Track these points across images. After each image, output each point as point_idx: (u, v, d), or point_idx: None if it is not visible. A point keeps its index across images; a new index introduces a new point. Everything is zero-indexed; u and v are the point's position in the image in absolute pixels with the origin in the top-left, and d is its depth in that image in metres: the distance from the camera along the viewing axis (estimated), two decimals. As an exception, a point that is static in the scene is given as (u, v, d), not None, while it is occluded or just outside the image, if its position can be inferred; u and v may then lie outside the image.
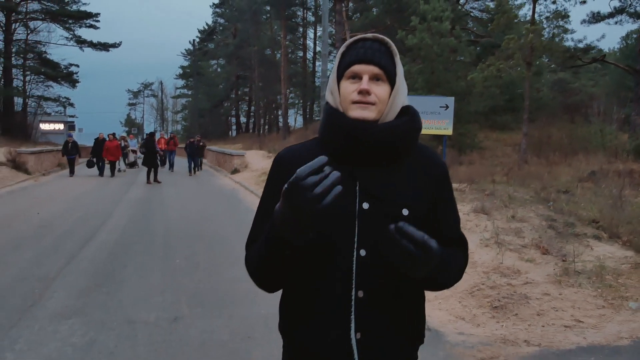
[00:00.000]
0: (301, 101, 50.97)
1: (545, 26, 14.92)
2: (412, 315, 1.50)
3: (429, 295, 3.55)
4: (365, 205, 1.40)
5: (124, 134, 31.30)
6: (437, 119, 11.03)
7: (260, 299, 5.09)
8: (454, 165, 13.67)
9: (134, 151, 27.19)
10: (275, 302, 1.64)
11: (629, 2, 19.22)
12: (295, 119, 56.86)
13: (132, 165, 26.77)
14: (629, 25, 42.68)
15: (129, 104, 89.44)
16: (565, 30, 15.71)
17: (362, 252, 1.39)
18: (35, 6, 38.14)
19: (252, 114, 57.31)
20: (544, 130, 17.57)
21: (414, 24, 16.24)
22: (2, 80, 36.31)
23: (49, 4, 37.68)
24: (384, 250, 1.32)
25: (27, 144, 30.18)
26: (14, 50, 37.13)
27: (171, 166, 25.01)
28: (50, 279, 6.08)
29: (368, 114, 1.41)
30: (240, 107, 61.34)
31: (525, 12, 20.73)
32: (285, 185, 1.20)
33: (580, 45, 20.77)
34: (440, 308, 5.24)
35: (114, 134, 22.44)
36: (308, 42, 45.03)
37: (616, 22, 20.04)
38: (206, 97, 56.54)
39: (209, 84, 57.18)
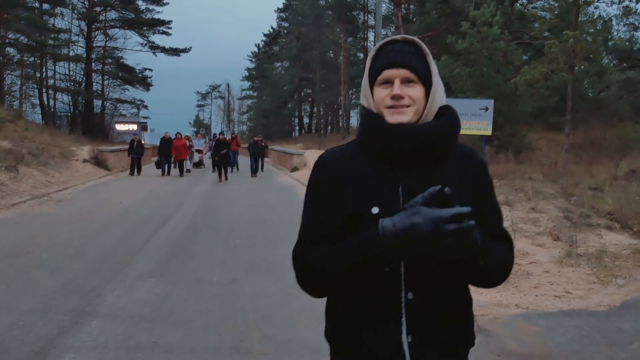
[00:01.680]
0: (362, 102, 51.82)
1: (591, 30, 15.30)
2: (462, 317, 1.49)
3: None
4: None
5: (190, 134, 31.46)
6: (477, 120, 11.84)
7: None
8: (494, 163, 14.33)
9: (199, 151, 27.13)
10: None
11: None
12: (357, 119, 57.99)
13: (198, 165, 26.66)
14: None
15: (197, 106, 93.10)
16: (607, 36, 15.87)
17: None
18: (113, 15, 41.17)
19: (314, 115, 58.85)
20: (594, 131, 17.87)
21: (464, 29, 17.00)
22: (84, 84, 39.34)
23: (125, 12, 40.49)
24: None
25: (105, 143, 32.59)
26: (93, 56, 40.17)
27: (235, 165, 24.86)
28: (135, 250, 7.46)
29: (403, 117, 1.40)
30: (303, 108, 63.00)
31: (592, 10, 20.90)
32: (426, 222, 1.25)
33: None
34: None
35: (180, 133, 22.52)
36: (369, 44, 45.90)
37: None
38: (270, 99, 58.46)
39: (273, 86, 59.03)
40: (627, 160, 14.18)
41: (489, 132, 12.06)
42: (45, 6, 35.69)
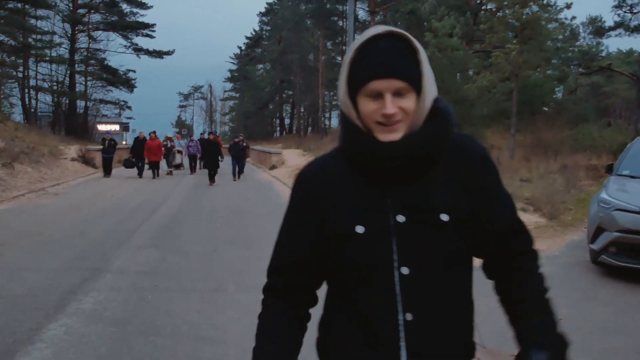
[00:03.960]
0: (341, 103, 53.47)
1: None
2: (464, 330, 1.33)
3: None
4: (401, 219, 1.23)
5: (171, 135, 29.27)
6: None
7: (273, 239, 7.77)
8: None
9: (180, 151, 25.41)
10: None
11: (629, 18, 21.15)
12: (338, 123, 59.41)
13: (178, 167, 25.02)
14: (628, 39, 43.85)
15: (180, 106, 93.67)
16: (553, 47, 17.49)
17: (405, 270, 1.22)
18: (97, 17, 42.18)
19: (295, 116, 60.30)
20: (544, 132, 19.64)
21: (427, 39, 18.65)
22: (68, 85, 40.32)
23: (109, 15, 41.55)
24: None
25: (89, 143, 33.62)
26: (77, 58, 41.15)
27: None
28: (132, 231, 8.89)
29: (396, 135, 1.21)
30: (284, 110, 64.36)
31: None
32: None
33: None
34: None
35: (154, 133, 20.72)
36: (346, 48, 47.52)
37: (616, 35, 21.88)
38: (252, 100, 59.64)
39: (255, 88, 60.18)
40: (565, 158, 15.90)
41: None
42: (38, 10, 36.55)
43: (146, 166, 20.38)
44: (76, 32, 41.07)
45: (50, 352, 3.95)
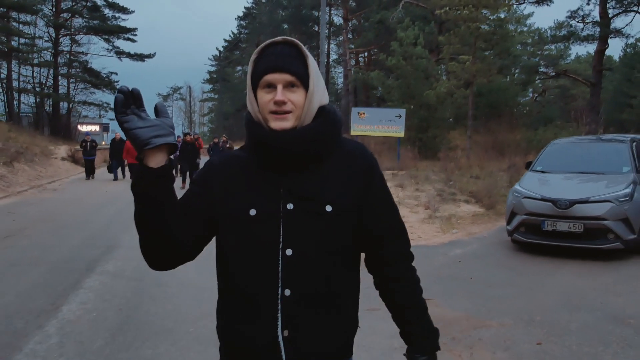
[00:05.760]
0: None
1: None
2: (342, 306, 1.50)
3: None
4: (290, 206, 1.43)
5: None
6: (393, 125, 15.11)
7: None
8: (408, 160, 17.68)
9: None
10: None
11: (580, 27, 23.22)
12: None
13: None
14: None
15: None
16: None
17: (289, 252, 1.41)
18: (79, 21, 43.20)
19: (273, 117, 61.52)
20: (501, 134, 21.51)
21: (393, 48, 20.37)
22: (52, 87, 41.30)
23: (91, 20, 42.59)
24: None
25: (73, 143, 34.67)
26: (61, 61, 42.10)
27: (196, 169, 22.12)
28: (131, 219, 10.36)
29: (286, 124, 1.40)
30: (262, 111, 65.40)
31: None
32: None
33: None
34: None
35: None
36: (321, 52, 49.22)
37: (568, 44, 23.87)
38: (231, 101, 60.71)
39: (234, 89, 61.11)
40: (516, 158, 17.69)
41: (401, 134, 15.35)
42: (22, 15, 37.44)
43: (126, 168, 19.86)
44: (60, 35, 42.02)
45: (92, 295, 5.50)
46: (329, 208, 1.43)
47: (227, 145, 23.93)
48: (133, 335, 4.39)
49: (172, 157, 1.46)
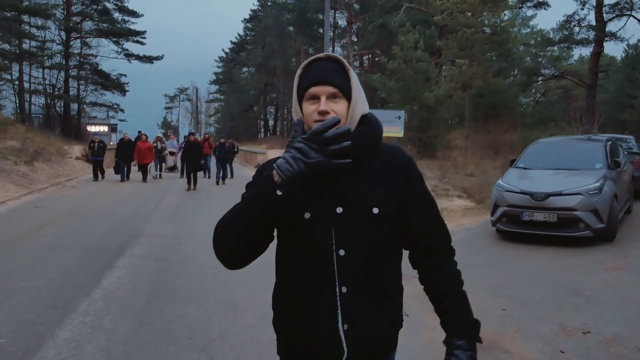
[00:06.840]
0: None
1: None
2: (392, 303, 1.64)
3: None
4: (339, 210, 1.53)
5: (160, 134, 27.23)
6: (392, 126, 15.95)
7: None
8: (415, 159, 18.47)
9: (172, 153, 24.45)
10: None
11: (576, 30, 24.07)
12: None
13: (172, 169, 24.19)
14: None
15: (166, 108, 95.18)
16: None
17: (341, 252, 1.53)
18: (90, 24, 44.24)
19: (278, 117, 62.53)
20: (501, 134, 22.34)
21: (395, 52, 21.24)
22: (63, 88, 42.37)
23: (101, 23, 43.63)
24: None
25: (83, 143, 35.54)
26: (71, 63, 43.11)
27: (208, 171, 21.79)
28: (149, 212, 11.32)
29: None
30: (268, 112, 66.40)
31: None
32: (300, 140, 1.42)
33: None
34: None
35: (140, 132, 19.94)
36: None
37: (565, 47, 24.71)
38: (237, 102, 61.39)
39: (240, 90, 61.77)
40: (511, 156, 18.48)
41: (401, 134, 16.18)
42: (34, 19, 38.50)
43: (135, 168, 19.96)
44: (71, 38, 43.01)
45: (126, 272, 6.41)
46: (375, 210, 1.55)
47: (235, 150, 23.12)
48: (164, 301, 5.29)
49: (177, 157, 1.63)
